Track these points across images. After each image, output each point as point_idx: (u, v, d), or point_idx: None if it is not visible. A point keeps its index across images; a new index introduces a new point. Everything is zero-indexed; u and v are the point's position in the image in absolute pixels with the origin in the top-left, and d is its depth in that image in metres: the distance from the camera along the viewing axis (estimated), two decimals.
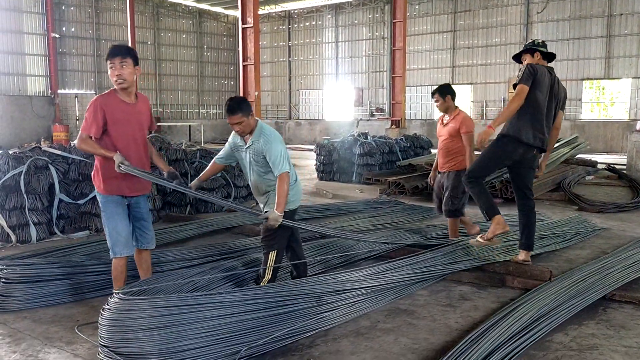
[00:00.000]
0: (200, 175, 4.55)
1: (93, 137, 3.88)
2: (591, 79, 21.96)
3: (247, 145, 4.19)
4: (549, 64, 5.03)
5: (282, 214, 4.02)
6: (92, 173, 4.08)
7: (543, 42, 5.11)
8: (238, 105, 4.07)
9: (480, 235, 5.02)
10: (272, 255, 4.23)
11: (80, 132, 3.93)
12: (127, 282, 4.07)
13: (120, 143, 3.93)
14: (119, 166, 3.82)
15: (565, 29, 22.04)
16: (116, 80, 3.88)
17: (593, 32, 21.48)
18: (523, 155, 4.85)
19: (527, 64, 4.82)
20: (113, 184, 3.95)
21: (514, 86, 4.78)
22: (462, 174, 5.26)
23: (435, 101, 5.79)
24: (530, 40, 5.18)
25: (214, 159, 4.55)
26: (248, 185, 4.38)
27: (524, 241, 5.03)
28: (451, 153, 5.66)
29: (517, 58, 5.21)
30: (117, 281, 4.03)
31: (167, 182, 4.12)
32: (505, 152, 4.86)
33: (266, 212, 4.16)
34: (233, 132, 4.26)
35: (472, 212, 6.59)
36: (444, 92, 5.72)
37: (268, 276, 4.24)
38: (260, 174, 4.21)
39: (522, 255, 5.01)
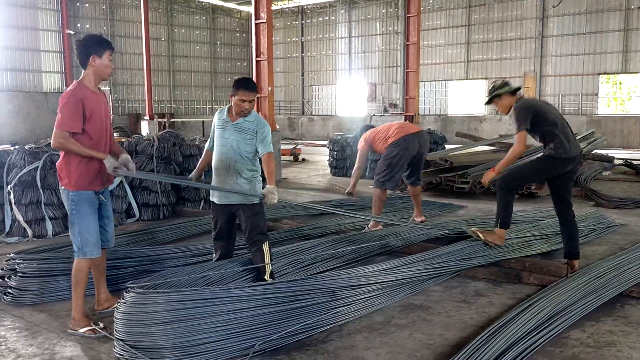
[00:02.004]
0: (197, 166, 4.67)
1: (70, 134, 3.60)
2: (608, 74, 21.71)
3: (235, 122, 4.32)
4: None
5: (275, 187, 4.17)
6: (58, 168, 3.77)
7: (502, 81, 5.07)
8: (254, 86, 4.34)
9: (481, 230, 5.17)
10: (266, 247, 4.32)
11: (56, 129, 3.59)
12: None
13: (95, 135, 3.74)
14: (115, 170, 3.72)
15: (582, 22, 21.79)
16: (110, 73, 3.85)
17: (610, 26, 21.22)
18: (572, 169, 4.83)
19: (515, 108, 4.83)
20: (85, 179, 3.72)
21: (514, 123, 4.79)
22: None
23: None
24: (493, 86, 5.05)
25: (205, 148, 4.61)
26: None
27: (572, 251, 4.88)
28: None
29: (489, 103, 5.15)
30: (80, 285, 3.77)
31: (181, 179, 4.11)
32: (555, 169, 4.78)
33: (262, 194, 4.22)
34: (218, 112, 4.46)
35: (477, 207, 6.53)
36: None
37: (269, 267, 4.29)
38: (242, 154, 4.27)
39: (577, 264, 4.87)
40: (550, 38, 22.63)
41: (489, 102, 5.15)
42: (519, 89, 5.00)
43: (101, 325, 3.74)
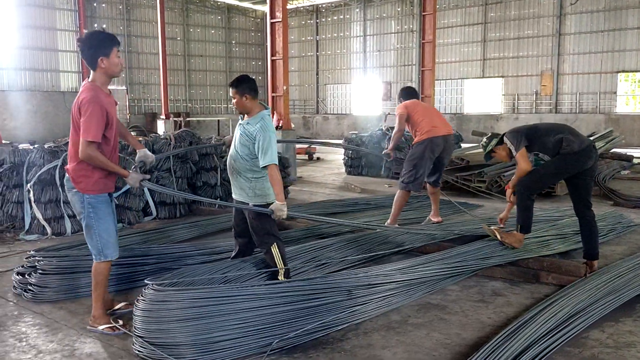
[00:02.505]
0: None
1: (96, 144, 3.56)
2: (626, 72, 21.43)
3: (242, 122, 4.33)
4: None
5: (284, 203, 4.04)
6: (73, 171, 3.68)
7: (489, 135, 5.26)
8: (237, 82, 4.32)
9: (500, 230, 5.12)
10: (275, 250, 4.26)
11: (84, 140, 3.49)
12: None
13: (112, 140, 3.71)
14: (140, 182, 3.73)
15: (600, 20, 21.53)
16: (121, 70, 3.72)
17: (629, 23, 20.95)
18: (591, 166, 4.76)
19: (506, 137, 4.94)
20: (101, 182, 3.70)
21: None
22: None
23: None
24: (486, 143, 5.18)
25: None
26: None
27: (591, 251, 4.84)
28: None
29: (488, 158, 5.27)
30: (100, 286, 3.78)
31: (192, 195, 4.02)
32: (572, 166, 4.73)
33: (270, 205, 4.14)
34: None
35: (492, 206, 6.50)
36: None
37: (282, 267, 4.26)
38: (240, 154, 4.25)
39: (595, 265, 4.83)
40: (567, 36, 22.40)
41: (488, 158, 5.27)
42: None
43: (120, 322, 3.78)
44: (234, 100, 4.31)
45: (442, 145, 6.39)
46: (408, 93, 6.89)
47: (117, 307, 4.04)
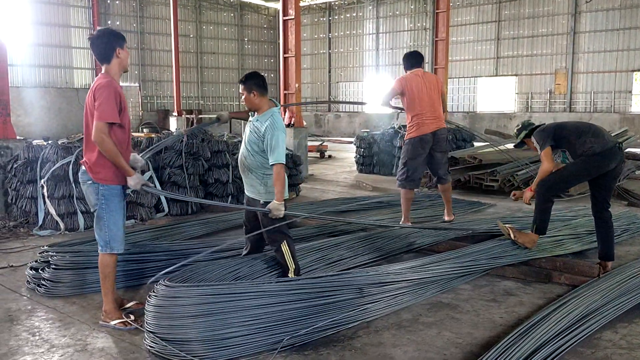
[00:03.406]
0: None
1: (109, 126, 3.57)
2: None
3: (252, 119, 4.33)
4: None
5: (283, 203, 4.07)
6: (91, 161, 3.71)
7: (524, 123, 5.12)
8: (245, 78, 4.30)
9: (513, 228, 5.09)
10: (285, 248, 4.25)
11: (97, 121, 3.52)
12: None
13: (127, 129, 3.79)
14: (142, 187, 3.73)
15: (615, 18, 21.29)
16: (128, 64, 3.86)
17: None
18: (615, 167, 4.69)
19: (534, 135, 4.88)
20: (118, 173, 3.71)
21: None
22: None
23: None
24: (517, 133, 5.10)
25: None
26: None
27: (606, 252, 4.80)
28: None
29: (520, 145, 5.22)
30: (108, 279, 3.80)
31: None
32: (595, 167, 4.65)
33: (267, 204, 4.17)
34: None
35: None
36: None
37: (292, 265, 4.26)
38: (250, 151, 4.26)
39: (610, 266, 4.79)
40: (582, 34, 22.17)
41: (521, 146, 5.19)
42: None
43: (132, 317, 3.80)
44: (243, 97, 4.32)
45: (431, 141, 6.33)
46: (411, 62, 6.54)
47: (127, 305, 4.05)
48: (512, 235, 5.01)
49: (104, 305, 3.83)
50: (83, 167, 3.81)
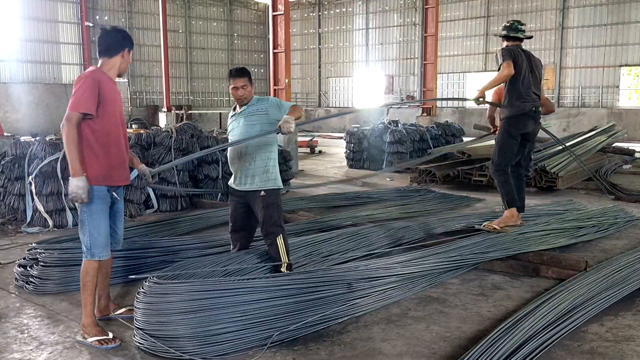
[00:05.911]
0: None
1: (82, 116, 3.37)
2: (629, 65, 21.34)
3: (241, 111, 4.33)
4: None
5: (293, 118, 4.06)
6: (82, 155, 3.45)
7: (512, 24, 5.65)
8: (246, 71, 4.29)
9: (490, 223, 5.43)
10: (280, 242, 4.26)
11: (68, 110, 3.33)
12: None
13: (112, 125, 3.52)
14: (146, 180, 3.68)
15: (603, 13, 21.43)
16: (127, 66, 3.74)
17: (632, 17, 20.85)
18: (533, 127, 5.42)
19: (500, 50, 5.52)
20: (100, 173, 3.48)
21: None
22: None
23: None
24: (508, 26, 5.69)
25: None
26: None
27: (521, 204, 5.58)
28: None
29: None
30: (87, 288, 3.51)
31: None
32: (516, 128, 5.40)
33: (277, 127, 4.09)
34: (229, 114, 4.49)
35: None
36: None
37: (286, 260, 4.26)
38: (245, 135, 4.22)
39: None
40: (570, 29, 22.30)
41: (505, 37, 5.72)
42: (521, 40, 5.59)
43: (111, 335, 3.48)
44: (243, 91, 4.25)
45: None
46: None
47: (118, 312, 3.84)
48: (494, 227, 5.11)
49: (82, 317, 3.55)
50: None
